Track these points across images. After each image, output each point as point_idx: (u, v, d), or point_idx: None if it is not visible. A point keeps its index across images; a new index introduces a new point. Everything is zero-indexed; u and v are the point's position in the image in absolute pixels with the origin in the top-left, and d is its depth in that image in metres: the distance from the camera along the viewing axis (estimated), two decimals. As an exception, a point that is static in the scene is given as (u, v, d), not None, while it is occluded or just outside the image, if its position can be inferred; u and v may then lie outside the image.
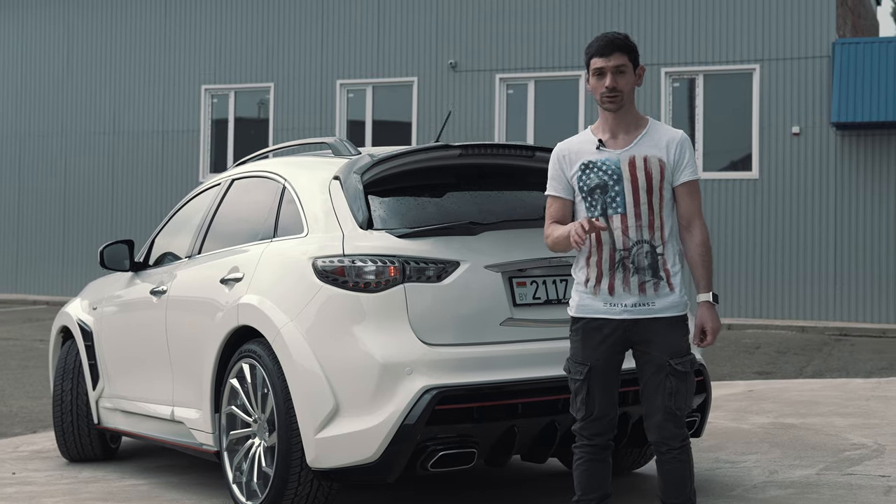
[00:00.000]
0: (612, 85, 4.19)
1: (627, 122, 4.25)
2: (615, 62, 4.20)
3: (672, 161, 4.21)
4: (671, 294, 4.20)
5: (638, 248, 4.17)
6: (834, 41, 17.80)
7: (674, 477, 4.20)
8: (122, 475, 6.77)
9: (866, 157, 17.81)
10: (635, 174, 4.17)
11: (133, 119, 21.88)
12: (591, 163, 4.23)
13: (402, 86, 20.22)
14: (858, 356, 13.58)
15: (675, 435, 4.19)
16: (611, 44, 4.22)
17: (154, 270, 6.67)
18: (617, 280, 4.19)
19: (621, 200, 4.18)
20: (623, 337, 4.23)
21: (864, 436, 7.19)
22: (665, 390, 4.16)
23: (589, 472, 4.31)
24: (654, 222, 4.18)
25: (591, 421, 4.29)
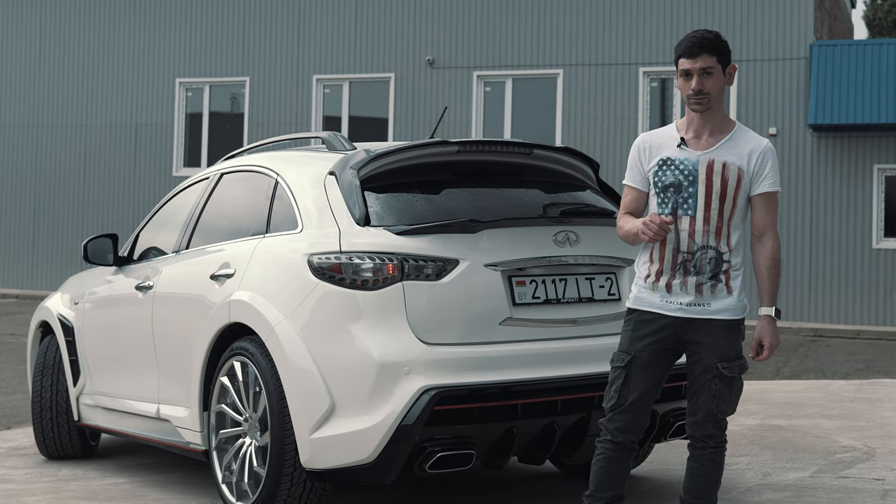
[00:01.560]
0: (699, 88, 4.12)
1: (714, 123, 4.18)
2: (702, 64, 4.11)
3: (752, 170, 4.14)
4: (728, 297, 4.14)
5: (702, 253, 4.12)
6: (811, 43, 17.86)
7: (702, 474, 4.19)
8: (104, 473, 6.65)
9: (842, 159, 17.88)
10: (711, 178, 4.11)
11: (106, 111, 21.65)
12: (670, 160, 4.18)
13: (378, 82, 20.12)
14: (834, 357, 13.62)
15: (713, 435, 4.18)
16: (698, 44, 4.12)
17: (139, 265, 6.54)
18: (676, 280, 4.16)
19: (693, 203, 4.13)
20: (674, 335, 4.17)
21: (853, 438, 7.17)
22: (709, 392, 4.13)
23: (606, 469, 4.26)
24: (722, 229, 4.12)
25: (619, 412, 4.22)
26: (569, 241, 5.09)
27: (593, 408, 4.98)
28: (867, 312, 17.74)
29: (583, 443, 5.08)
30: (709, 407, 4.14)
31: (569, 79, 19.03)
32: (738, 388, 4.18)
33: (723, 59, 4.15)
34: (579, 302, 5.13)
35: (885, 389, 9.82)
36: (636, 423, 4.25)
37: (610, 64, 18.84)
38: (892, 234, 17.85)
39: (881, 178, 17.90)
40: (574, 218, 5.21)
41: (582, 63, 18.97)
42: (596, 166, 5.77)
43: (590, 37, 18.93)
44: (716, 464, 4.19)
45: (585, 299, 5.14)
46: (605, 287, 5.22)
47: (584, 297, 5.14)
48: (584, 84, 18.95)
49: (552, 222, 5.16)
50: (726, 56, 4.17)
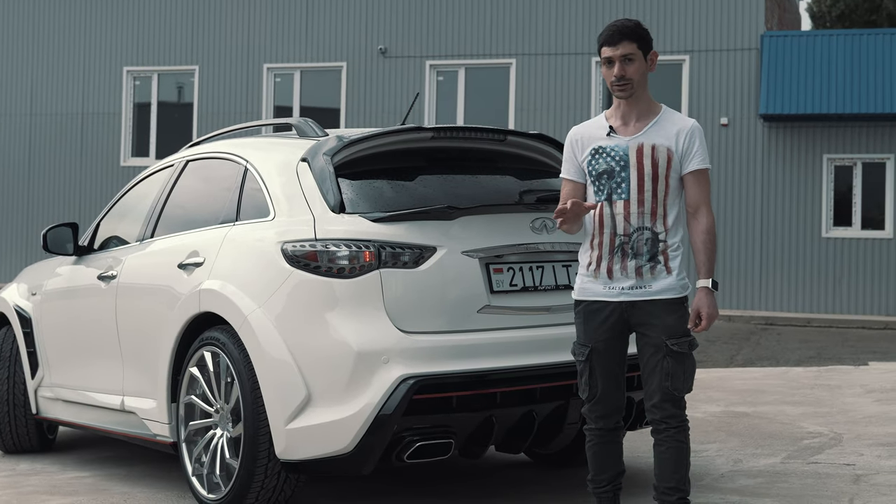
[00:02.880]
0: (621, 73, 4.23)
1: (639, 109, 4.28)
2: (623, 51, 4.23)
3: (681, 150, 4.23)
4: (668, 277, 4.21)
5: (638, 235, 4.21)
6: (762, 34, 18.00)
7: (669, 457, 4.20)
8: (63, 467, 6.52)
9: (793, 149, 18.06)
10: (642, 162, 4.21)
11: (52, 100, 21.29)
12: (601, 148, 4.28)
13: (330, 71, 19.98)
14: (786, 345, 13.77)
15: (674, 415, 4.21)
16: (618, 32, 4.24)
17: (100, 255, 6.40)
18: (615, 264, 4.23)
19: (626, 187, 4.21)
20: (622, 319, 4.25)
21: (818, 424, 7.23)
22: (663, 371, 4.18)
23: (599, 454, 4.37)
24: (657, 210, 4.21)
25: (595, 402, 4.33)
26: (545, 228, 5.06)
27: (571, 396, 4.95)
28: (817, 300, 17.94)
29: (561, 431, 5.06)
30: (664, 386, 4.18)
31: (522, 68, 19.03)
32: (690, 364, 4.23)
33: (643, 46, 4.27)
34: (556, 289, 5.10)
35: (843, 376, 9.92)
36: (614, 406, 4.34)
37: (562, 53, 18.86)
38: (842, 223, 18.07)
39: (830, 167, 18.10)
40: (550, 205, 5.17)
41: (535, 53, 18.97)
42: (568, 153, 5.73)
43: (543, 27, 18.93)
44: (681, 444, 4.22)
45: (563, 287, 5.11)
46: (582, 274, 5.19)
47: (562, 285, 5.11)
48: (536, 73, 18.96)
49: (529, 209, 5.12)
50: (647, 43, 4.30)
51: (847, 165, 18.09)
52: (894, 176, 17.80)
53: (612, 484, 4.37)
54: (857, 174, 18.04)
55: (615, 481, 4.37)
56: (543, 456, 6.09)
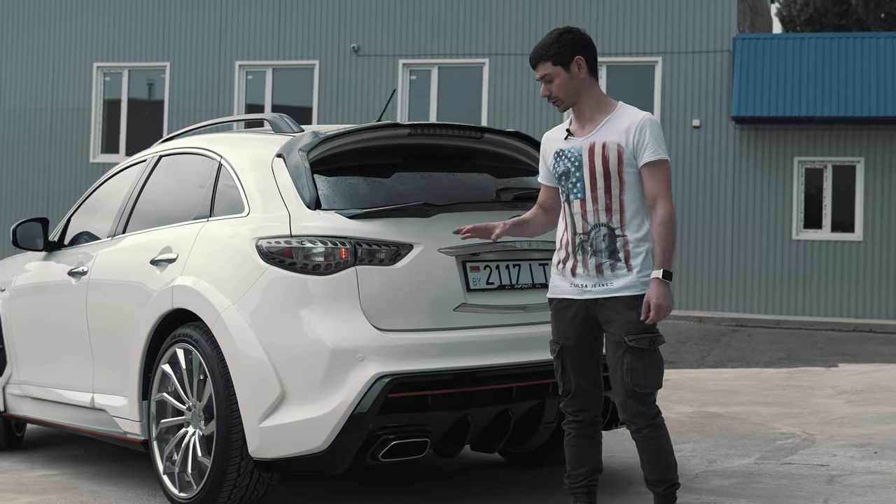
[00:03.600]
0: (545, 94, 4.42)
1: (591, 110, 4.38)
2: (541, 72, 4.39)
3: (632, 144, 4.28)
4: (628, 274, 4.26)
5: (595, 232, 4.29)
6: (735, 36, 18.07)
7: (647, 454, 4.30)
8: (32, 465, 6.44)
9: (764, 151, 18.15)
10: (593, 160, 4.29)
11: (21, 96, 21.08)
12: (561, 151, 4.40)
13: (302, 69, 19.90)
14: (756, 346, 13.82)
15: (640, 413, 4.24)
16: (535, 55, 4.39)
17: (71, 250, 6.32)
18: (578, 262, 4.32)
19: (581, 186, 4.31)
20: (589, 316, 4.32)
21: (791, 425, 7.24)
22: (623, 367, 4.22)
23: (577, 447, 4.40)
24: (612, 206, 4.28)
25: (569, 398, 4.39)
26: (522, 227, 5.02)
27: (547, 395, 4.94)
28: (787, 302, 18.04)
29: (537, 430, 5.04)
30: (625, 382, 4.21)
31: (495, 68, 19.02)
32: (652, 360, 4.24)
33: (561, 59, 4.34)
34: (533, 288, 5.07)
35: (814, 377, 9.96)
36: (589, 401, 4.39)
37: (536, 54, 18.85)
38: (812, 225, 18.17)
39: (801, 170, 18.19)
40: (527, 203, 5.14)
41: (508, 52, 18.97)
42: (545, 151, 5.71)
43: (516, 27, 18.93)
44: (657, 440, 4.27)
45: (539, 285, 5.08)
46: (558, 273, 5.17)
47: (538, 283, 5.09)
48: (509, 73, 18.95)
49: (505, 207, 5.10)
50: (565, 54, 4.35)
51: (817, 168, 18.20)
52: (864, 179, 17.92)
53: (588, 479, 4.39)
54: (828, 177, 18.14)
55: (591, 477, 4.40)
56: (518, 455, 6.06)
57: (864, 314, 17.78)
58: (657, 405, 4.32)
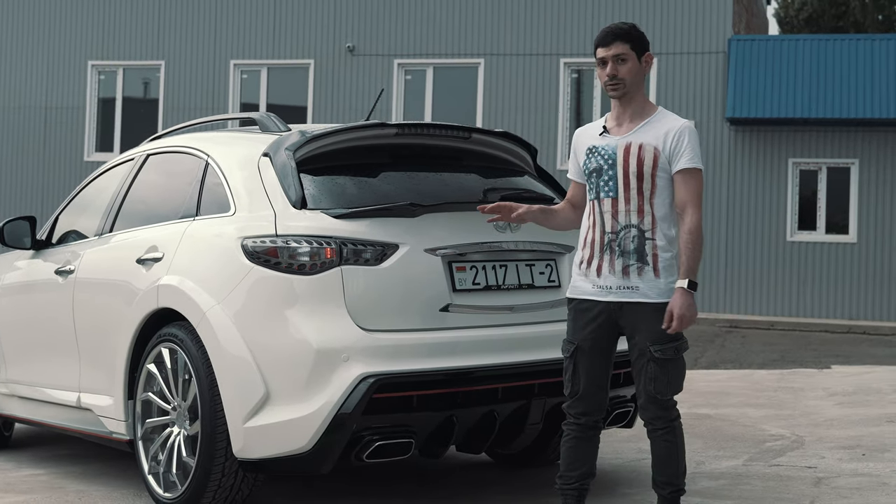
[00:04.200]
0: (612, 73, 4.31)
1: (633, 109, 4.35)
2: (615, 51, 4.31)
3: (669, 149, 4.27)
4: (656, 280, 4.24)
5: (625, 233, 4.26)
6: (730, 37, 18.07)
7: (660, 455, 4.31)
8: (18, 465, 6.42)
9: (758, 153, 18.14)
10: (627, 160, 4.27)
11: (15, 94, 21.04)
12: (594, 147, 4.37)
13: (297, 68, 19.87)
14: (750, 348, 13.81)
15: (659, 416, 4.27)
16: (612, 33, 4.33)
17: (58, 249, 6.30)
18: (605, 262, 4.28)
19: (613, 185, 4.29)
20: (610, 320, 4.29)
21: (780, 427, 7.23)
22: (646, 375, 4.24)
23: (574, 449, 4.38)
24: (644, 207, 4.26)
25: (576, 399, 4.36)
26: (509, 227, 5.01)
27: (533, 396, 4.93)
28: (781, 304, 18.03)
29: (522, 431, 5.02)
30: (648, 390, 4.25)
31: (490, 68, 19.00)
32: (675, 369, 4.26)
33: (637, 47, 4.36)
34: (519, 289, 5.06)
35: (806, 379, 9.95)
36: (594, 405, 4.36)
37: (531, 54, 18.85)
38: (806, 227, 18.17)
39: (796, 171, 18.19)
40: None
41: (503, 53, 18.95)
42: (534, 152, 5.71)
43: (511, 27, 18.92)
44: (670, 443, 4.29)
45: (525, 286, 5.07)
46: (545, 274, 5.16)
47: (525, 284, 5.07)
48: (505, 74, 18.94)
49: (493, 207, 5.06)
50: (641, 44, 4.37)
51: (812, 170, 18.19)
52: (859, 181, 17.92)
53: (579, 483, 4.39)
54: (822, 178, 18.13)
55: (583, 481, 4.39)
56: (505, 456, 6.05)
57: (857, 316, 17.78)
58: (677, 408, 4.34)
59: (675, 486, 4.35)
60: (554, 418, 5.07)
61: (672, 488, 4.34)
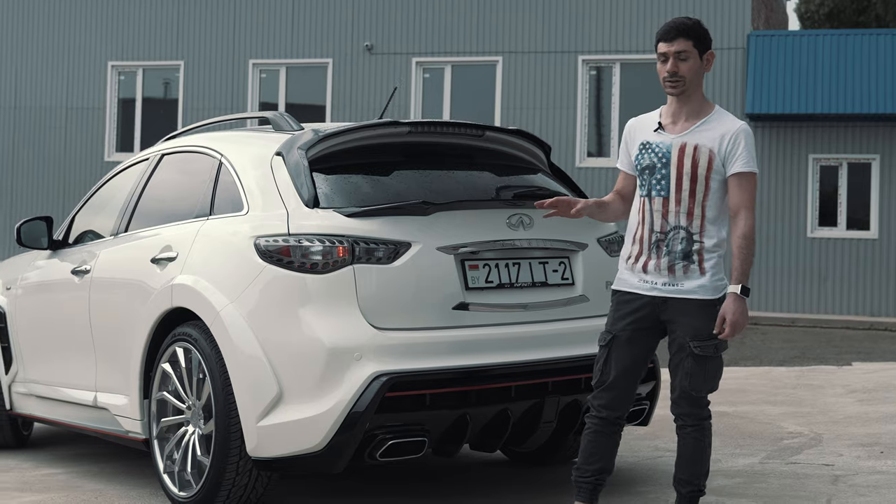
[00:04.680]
0: (673, 70, 4.26)
1: (690, 108, 4.31)
2: (677, 47, 4.26)
3: (724, 152, 4.24)
4: (701, 277, 4.24)
5: (674, 234, 4.25)
6: (749, 33, 17.98)
7: (685, 452, 4.32)
8: (37, 464, 6.45)
9: (778, 149, 18.05)
10: (682, 160, 4.25)
11: (36, 95, 21.15)
12: (648, 143, 4.33)
13: (316, 67, 19.89)
14: (770, 344, 13.74)
15: (690, 413, 4.29)
16: (675, 28, 4.28)
17: (75, 249, 6.33)
18: (651, 260, 4.28)
19: (665, 184, 4.26)
20: (653, 314, 4.29)
21: (798, 424, 7.19)
22: (683, 370, 4.24)
23: (593, 443, 4.38)
24: (694, 210, 4.24)
25: (602, 389, 4.35)
26: (522, 225, 5.00)
27: (546, 394, 4.91)
28: (802, 300, 17.93)
29: (536, 430, 5.00)
30: (683, 385, 4.25)
31: (508, 66, 18.98)
32: (713, 367, 4.26)
33: (699, 45, 4.30)
34: (532, 286, 5.04)
35: (825, 376, 9.89)
36: (620, 400, 4.35)
37: (549, 52, 18.81)
38: (827, 223, 18.06)
39: (816, 167, 18.09)
40: (527, 201, 5.12)
41: (521, 51, 18.92)
42: (547, 149, 5.68)
43: (530, 25, 18.88)
44: (698, 441, 4.30)
45: (539, 284, 5.05)
46: (559, 272, 5.14)
47: (538, 282, 5.06)
48: (523, 71, 18.90)
49: (505, 205, 5.06)
50: (704, 42, 4.31)
51: (832, 165, 18.09)
52: (879, 176, 17.80)
53: (594, 477, 4.39)
54: (843, 174, 18.03)
55: (599, 476, 4.39)
56: (520, 454, 6.04)
57: (879, 312, 17.67)
58: (709, 409, 4.35)
59: (696, 487, 4.35)
60: (568, 417, 5.06)
61: (692, 488, 4.34)
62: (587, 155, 18.77)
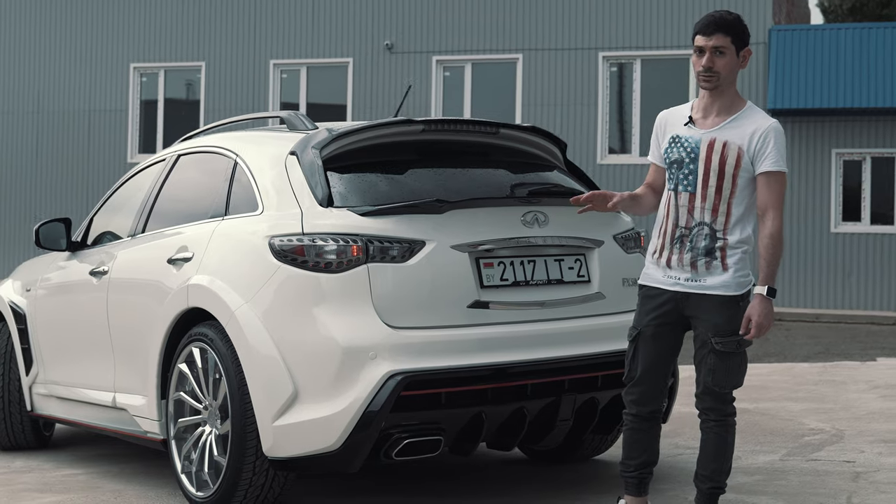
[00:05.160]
0: (709, 65, 4.22)
1: (722, 103, 4.27)
2: (715, 42, 4.21)
3: (753, 150, 4.20)
4: (723, 273, 4.22)
5: (698, 230, 4.24)
6: (770, 28, 17.88)
7: (708, 448, 4.30)
8: (58, 465, 6.47)
9: (801, 144, 17.94)
10: (710, 157, 4.22)
11: (59, 98, 21.27)
12: (678, 137, 4.31)
13: (336, 67, 19.92)
14: (794, 340, 13.65)
15: (714, 408, 4.27)
16: (714, 23, 4.22)
17: (93, 250, 6.35)
18: (674, 254, 4.28)
19: (693, 179, 4.24)
20: (676, 309, 4.29)
21: (820, 421, 7.13)
22: (706, 366, 4.23)
23: (632, 438, 4.42)
24: (720, 207, 4.22)
25: (633, 385, 4.38)
26: (537, 222, 4.98)
27: (563, 392, 4.89)
28: (826, 296, 17.81)
29: (553, 428, 4.98)
30: (706, 381, 4.24)
31: (528, 63, 18.94)
32: (736, 363, 4.24)
33: (737, 41, 4.26)
34: (548, 284, 5.02)
35: (848, 372, 9.82)
36: (650, 395, 4.37)
37: (570, 49, 18.76)
38: (851, 218, 17.93)
39: (839, 162, 17.96)
40: (542, 198, 5.10)
41: (541, 48, 18.88)
42: (563, 146, 5.66)
43: (549, 21, 18.83)
44: (720, 437, 4.28)
45: (554, 281, 5.03)
46: (575, 269, 5.11)
47: (553, 279, 5.03)
48: (543, 69, 18.86)
49: (520, 202, 5.04)
50: (742, 38, 4.27)
51: (856, 160, 17.96)
52: (904, 170, 17.66)
53: (638, 471, 4.42)
54: (867, 169, 17.89)
55: (643, 469, 4.42)
56: (539, 453, 6.01)
57: (905, 307, 17.54)
58: (734, 405, 4.32)
59: (716, 484, 4.32)
60: (585, 415, 5.03)
61: (713, 485, 4.31)
62: (608, 152, 18.71)
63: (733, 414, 4.31)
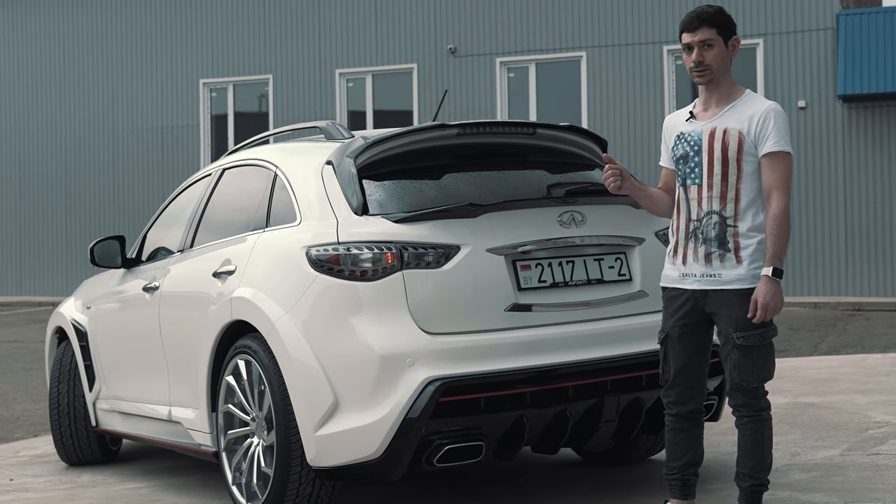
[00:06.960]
0: (699, 59, 4.26)
1: (720, 94, 4.31)
2: (701, 37, 4.26)
3: (754, 133, 4.20)
4: (738, 266, 4.19)
5: (707, 219, 4.23)
6: (838, 13, 17.52)
7: (745, 445, 4.26)
8: (122, 479, 6.57)
9: (874, 129, 17.54)
10: (712, 145, 4.25)
11: (132, 116, 21.66)
12: (682, 134, 4.36)
13: (401, 73, 19.98)
14: (873, 331, 13.35)
15: (745, 404, 4.23)
16: (697, 18, 4.28)
17: (146, 266, 6.46)
18: (689, 250, 4.28)
19: (699, 171, 4.26)
20: (697, 307, 4.29)
21: (887, 413, 6.95)
22: (731, 362, 4.21)
23: (674, 440, 4.41)
24: (728, 194, 4.21)
25: (668, 387, 4.39)
26: (574, 222, 4.93)
27: (606, 393, 4.83)
28: (907, 284, 17.39)
29: (597, 429, 4.92)
30: (733, 377, 4.21)
31: (592, 61, 18.80)
32: (760, 356, 4.19)
33: (723, 32, 4.29)
34: (588, 284, 4.96)
35: (923, 362, 9.57)
36: (685, 396, 4.35)
37: (633, 44, 18.59)
38: (930, 203, 17.47)
39: (916, 146, 17.52)
40: (580, 197, 5.05)
41: (605, 45, 18.73)
42: (604, 143, 5.59)
43: (612, 18, 18.68)
44: (756, 433, 4.23)
45: (595, 281, 4.98)
46: (615, 268, 5.05)
47: (594, 279, 4.98)
48: (608, 66, 18.71)
49: (556, 203, 4.99)
50: (727, 29, 4.30)
51: (933, 143, 17.50)
52: (983, 152, 17.17)
53: (681, 473, 4.38)
54: (944, 152, 17.43)
55: (686, 471, 4.38)
56: (593, 454, 5.95)
57: None
58: (767, 399, 4.26)
59: (757, 481, 4.25)
60: (630, 415, 4.96)
61: (753, 482, 4.24)
62: (677, 146, 18.48)
63: (767, 408, 4.25)
